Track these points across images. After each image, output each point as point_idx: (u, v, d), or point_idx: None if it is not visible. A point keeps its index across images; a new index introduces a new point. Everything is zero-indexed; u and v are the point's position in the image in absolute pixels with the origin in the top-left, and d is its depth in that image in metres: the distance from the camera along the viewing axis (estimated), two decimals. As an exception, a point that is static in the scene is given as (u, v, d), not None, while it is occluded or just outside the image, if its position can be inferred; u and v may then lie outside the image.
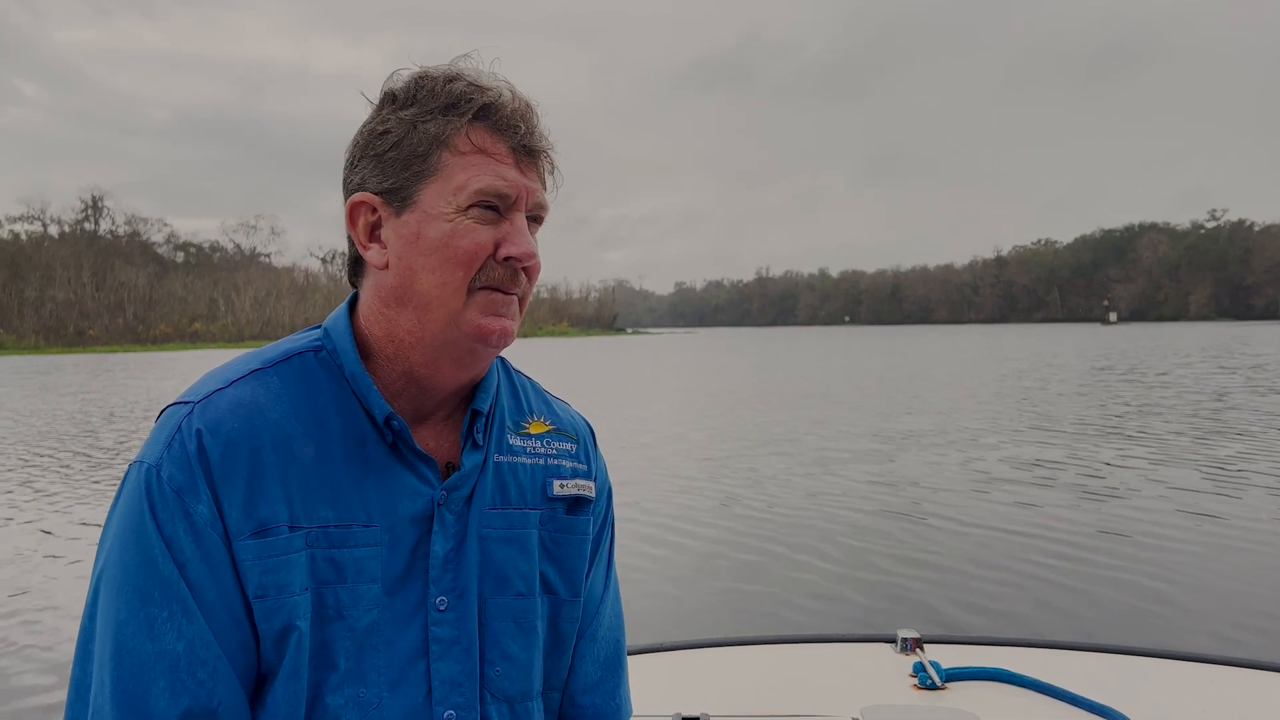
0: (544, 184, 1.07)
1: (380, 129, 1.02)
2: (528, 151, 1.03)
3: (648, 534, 7.85)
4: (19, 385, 36.81)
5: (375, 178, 1.02)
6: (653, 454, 12.95)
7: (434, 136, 1.00)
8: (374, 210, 1.03)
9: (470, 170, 0.99)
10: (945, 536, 7.57)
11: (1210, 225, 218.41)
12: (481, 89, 1.01)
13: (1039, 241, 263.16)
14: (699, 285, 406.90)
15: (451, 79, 1.02)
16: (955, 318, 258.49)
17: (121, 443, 15.67)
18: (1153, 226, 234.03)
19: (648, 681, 1.84)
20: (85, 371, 50.02)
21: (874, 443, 13.60)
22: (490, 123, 1.01)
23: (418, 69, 1.04)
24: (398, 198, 1.01)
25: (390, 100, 1.03)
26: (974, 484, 9.99)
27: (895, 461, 11.73)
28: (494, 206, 1.01)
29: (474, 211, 1.00)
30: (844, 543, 7.47)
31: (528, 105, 1.04)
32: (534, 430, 1.18)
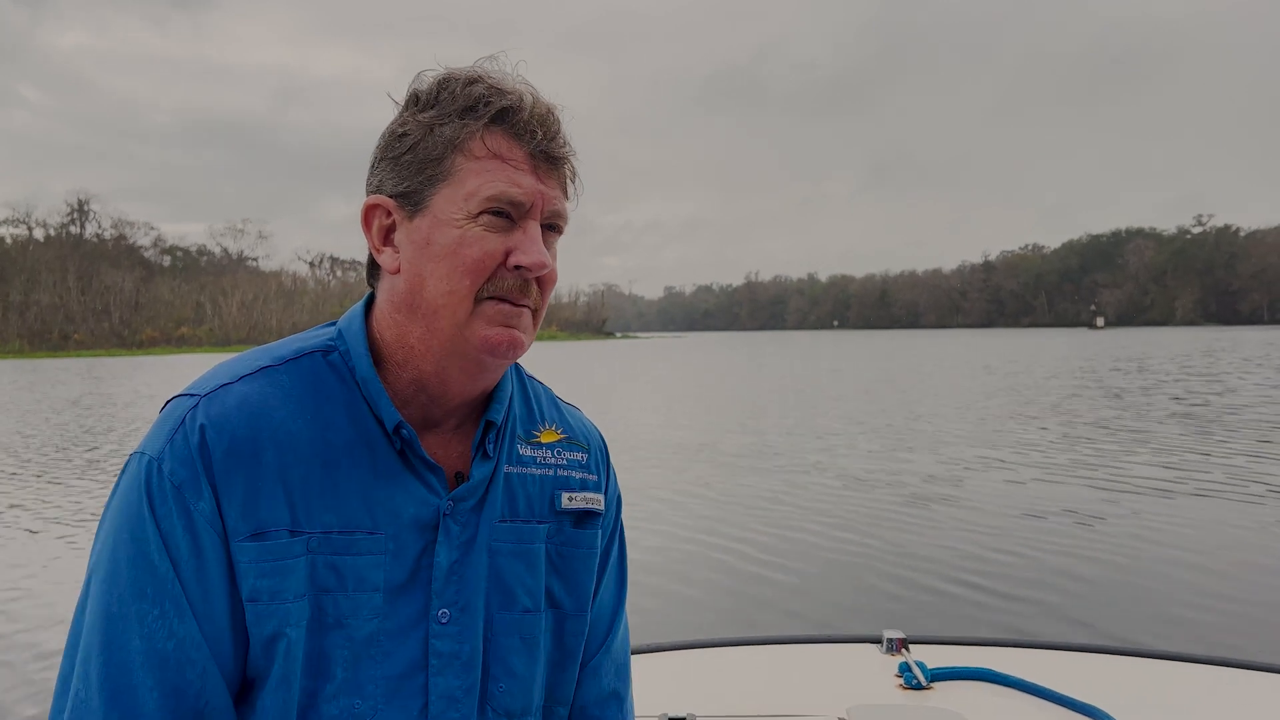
0: (565, 193, 1.03)
1: (400, 130, 1.00)
2: (547, 158, 1.00)
3: (633, 536, 7.78)
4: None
5: (391, 180, 1.00)
6: (639, 455, 12.89)
7: (449, 140, 0.97)
8: (389, 214, 1.01)
9: (483, 176, 0.96)
10: (930, 537, 7.54)
11: (1197, 230, 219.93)
12: (501, 92, 0.98)
13: (1027, 247, 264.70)
14: (688, 290, 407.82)
15: (472, 81, 0.99)
16: (943, 322, 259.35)
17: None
18: (1139, 232, 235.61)
19: (634, 683, 2.04)
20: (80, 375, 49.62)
21: (863, 444, 13.57)
22: (507, 127, 0.98)
23: (443, 70, 1.02)
24: (411, 201, 0.99)
25: (414, 102, 1.01)
26: (961, 485, 9.97)
27: (882, 463, 11.70)
28: (506, 214, 0.98)
29: (485, 218, 0.97)
30: (830, 544, 7.43)
31: (549, 110, 1.00)
32: (545, 439, 1.15)
